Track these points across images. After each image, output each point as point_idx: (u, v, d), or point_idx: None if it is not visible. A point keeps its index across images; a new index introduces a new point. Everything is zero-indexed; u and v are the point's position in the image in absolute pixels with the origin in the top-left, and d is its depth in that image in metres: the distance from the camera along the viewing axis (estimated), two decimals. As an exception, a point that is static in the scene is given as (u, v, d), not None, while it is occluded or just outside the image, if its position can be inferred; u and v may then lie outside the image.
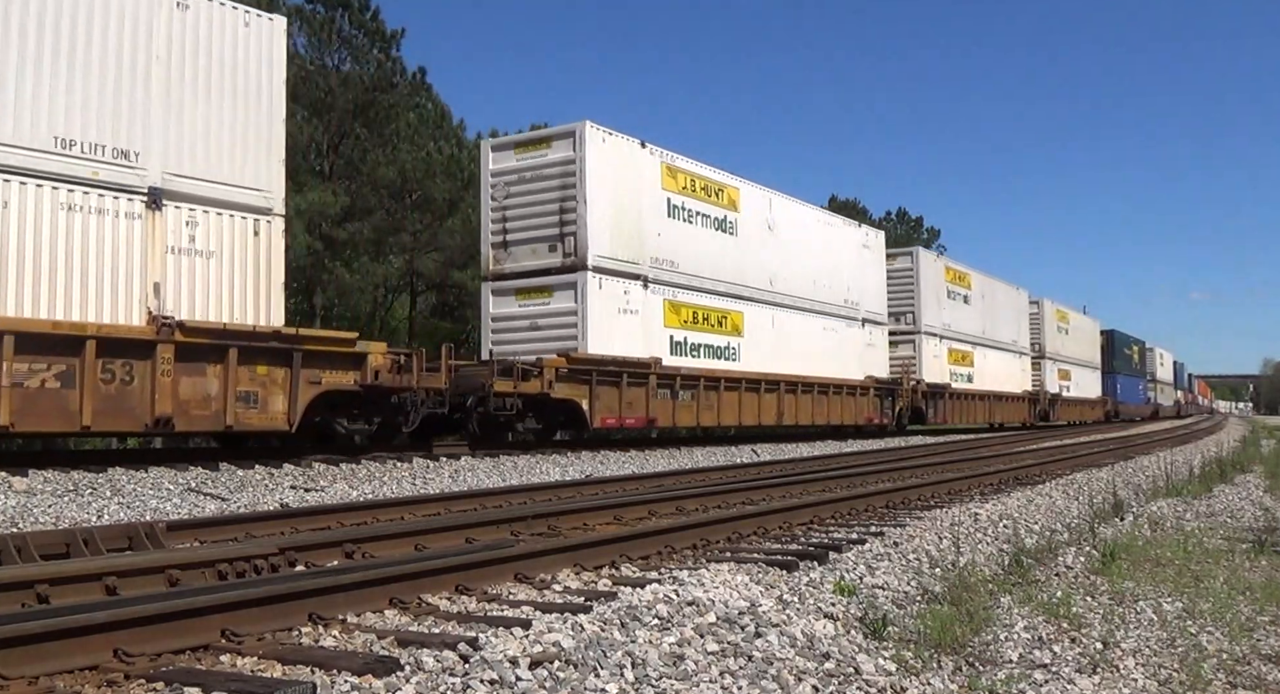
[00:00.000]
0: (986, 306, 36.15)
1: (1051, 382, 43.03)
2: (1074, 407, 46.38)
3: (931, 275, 32.18)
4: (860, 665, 4.24)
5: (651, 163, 19.40)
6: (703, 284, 20.68)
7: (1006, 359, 37.86)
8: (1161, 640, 5.27)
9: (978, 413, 34.56)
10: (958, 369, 33.21)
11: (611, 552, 6.27)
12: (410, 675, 3.54)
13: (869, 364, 27.21)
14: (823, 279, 25.34)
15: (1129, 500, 11.04)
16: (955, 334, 33.30)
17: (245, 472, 11.89)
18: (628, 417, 18.26)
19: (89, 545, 6.21)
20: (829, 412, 24.89)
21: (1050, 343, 43.68)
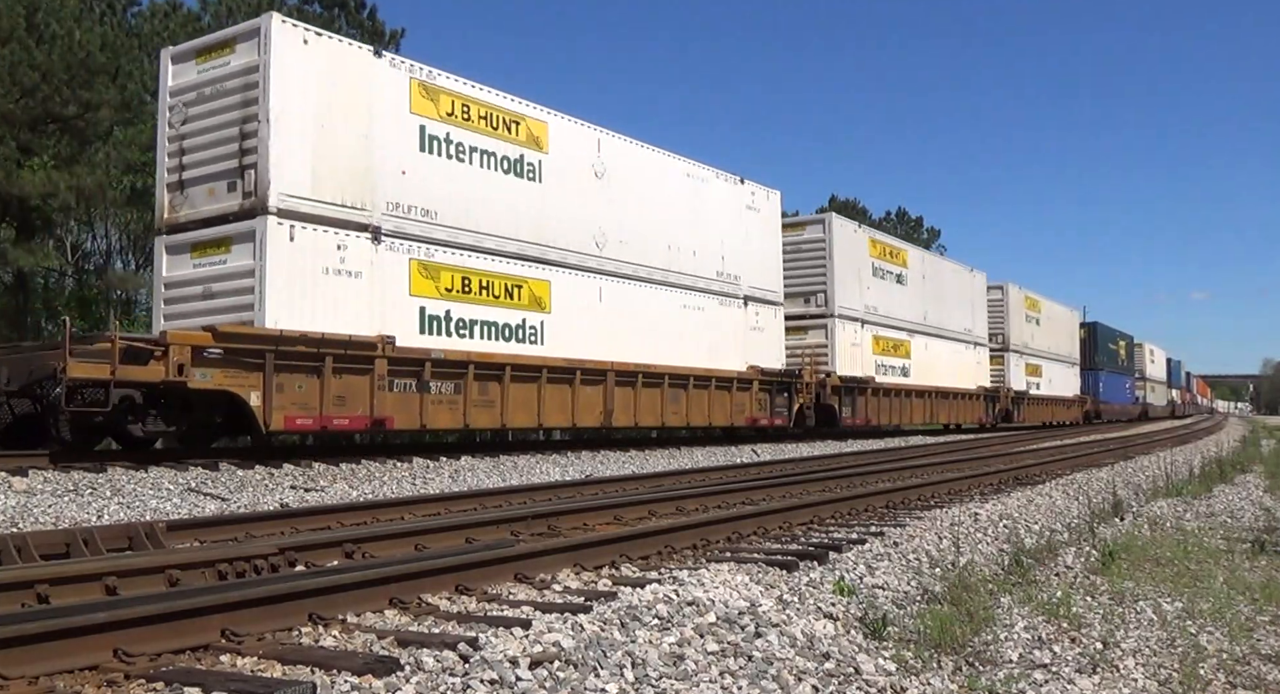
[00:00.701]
0: (929, 289, 30.98)
1: (1017, 377, 38.23)
2: (1044, 406, 41.72)
3: (850, 249, 26.64)
4: (860, 665, 4.24)
5: (396, 79, 14.45)
6: (480, 242, 15.47)
7: (957, 350, 32.73)
8: (1161, 640, 5.27)
9: (914, 412, 29.41)
10: (887, 360, 28.06)
11: (611, 552, 6.27)
12: (410, 675, 3.54)
13: (756, 352, 21.92)
14: (683, 245, 20.02)
15: (1129, 500, 11.05)
16: (884, 319, 28.04)
17: (245, 472, 11.89)
18: (338, 415, 13.16)
19: (89, 545, 6.20)
20: (691, 410, 19.71)
21: (1016, 334, 38.80)
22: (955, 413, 32.50)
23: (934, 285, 31.53)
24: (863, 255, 27.21)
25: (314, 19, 28.97)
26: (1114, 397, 54.95)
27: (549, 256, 16.76)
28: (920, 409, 29.66)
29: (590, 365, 17.13)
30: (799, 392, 23.15)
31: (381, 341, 13.69)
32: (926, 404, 30.03)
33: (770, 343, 22.68)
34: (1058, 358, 44.28)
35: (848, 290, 26.16)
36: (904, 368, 28.97)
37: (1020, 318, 39.57)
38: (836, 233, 25.96)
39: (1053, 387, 43.00)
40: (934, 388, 30.51)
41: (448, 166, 15.19)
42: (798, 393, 23.14)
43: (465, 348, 15.11)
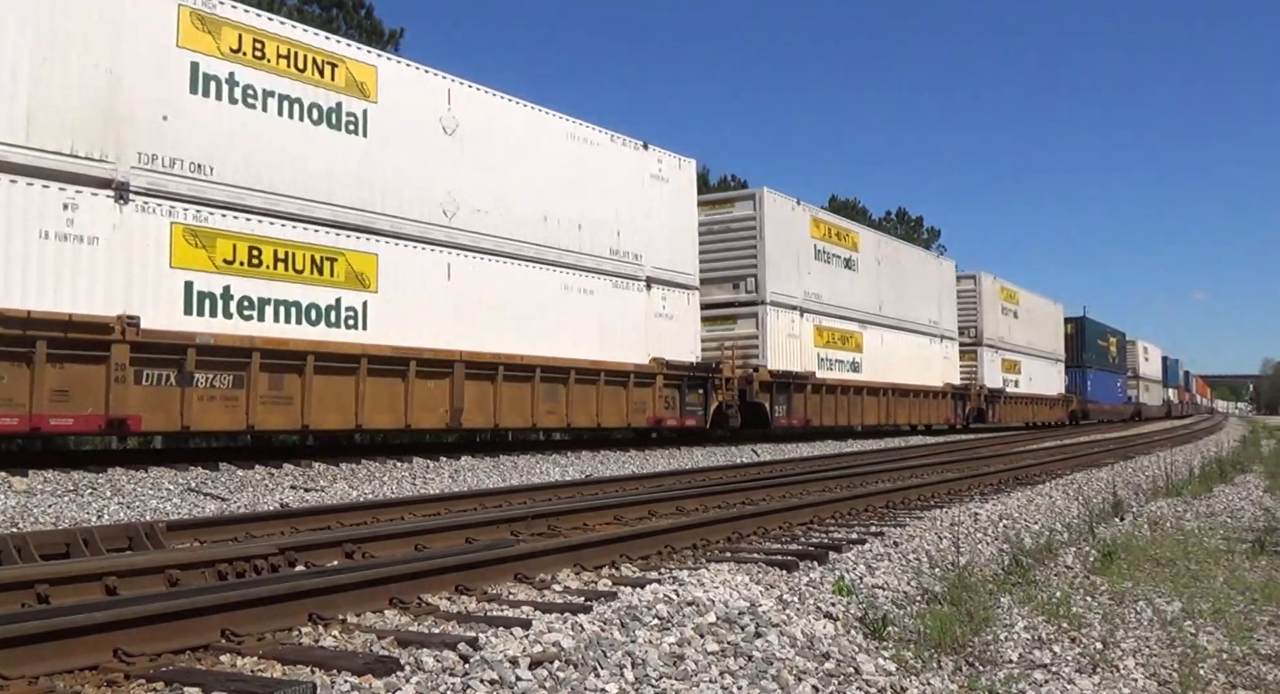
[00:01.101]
0: (886, 276, 28.23)
1: (992, 374, 35.40)
2: (1024, 405, 38.96)
3: (785, 228, 23.61)
4: (860, 665, 4.24)
5: (157, 5, 12.00)
6: (276, 205, 12.89)
7: (919, 344, 29.89)
8: (1161, 640, 5.27)
9: (865, 411, 26.26)
10: (834, 354, 25.24)
11: (611, 552, 6.27)
12: (410, 675, 3.54)
13: (662, 343, 19.14)
14: (565, 216, 17.18)
15: (1129, 500, 11.05)
16: (829, 308, 25.19)
17: (245, 472, 11.89)
18: (55, 414, 10.57)
19: (89, 545, 6.21)
20: (573, 409, 16.95)
21: (991, 327, 35.82)
22: (917, 412, 29.26)
23: (892, 272, 28.61)
24: (800, 236, 24.29)
25: (313, 19, 28.99)
26: (1103, 396, 52.28)
27: (377, 226, 14.10)
28: (874, 408, 26.66)
29: (430, 355, 14.43)
30: (716, 388, 20.54)
31: (121, 323, 11.03)
32: (882, 403, 27.04)
33: (681, 332, 19.84)
34: (1039, 354, 41.50)
35: (782, 275, 23.26)
36: (854, 362, 26.06)
37: (995, 310, 36.74)
38: (769, 210, 22.98)
39: (1034, 384, 40.29)
40: (891, 385, 27.61)
41: (231, 112, 12.56)
42: (715, 389, 20.50)
43: (249, 331, 12.44)
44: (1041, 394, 41.40)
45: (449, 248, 15.12)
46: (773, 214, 23.11)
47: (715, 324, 22.27)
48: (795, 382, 23.21)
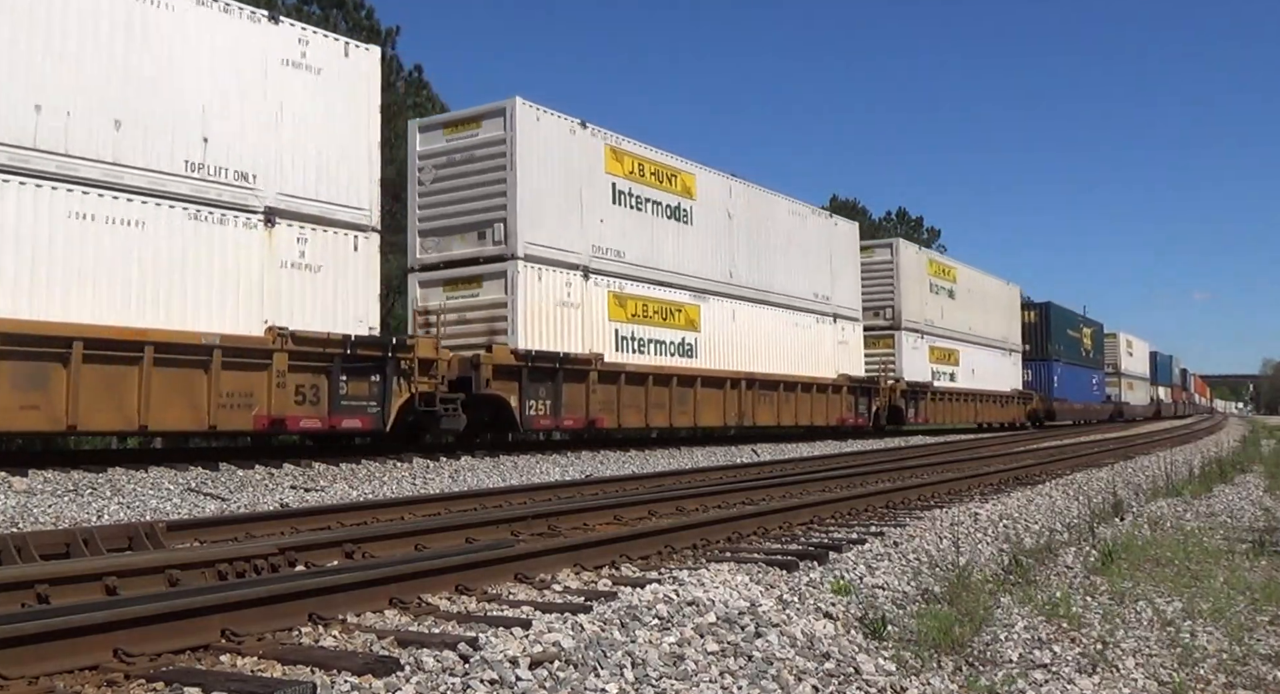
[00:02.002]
0: (741, 234, 22.21)
1: (915, 364, 29.64)
2: (963, 403, 32.97)
3: (554, 162, 17.38)
4: (860, 665, 4.24)
5: None
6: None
7: (798, 324, 23.93)
8: (1161, 640, 5.27)
9: (707, 407, 20.28)
10: (650, 332, 19.24)
11: (611, 552, 6.27)
12: (410, 675, 3.54)
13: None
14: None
15: (1129, 500, 11.05)
16: (639, 270, 19.06)
17: (245, 472, 11.89)
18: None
19: (89, 545, 6.21)
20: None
21: (914, 307, 30.14)
22: (793, 410, 23.21)
23: (755, 230, 22.76)
24: (592, 171, 18.54)
25: (312, 19, 29.04)
26: (1075, 393, 46.30)
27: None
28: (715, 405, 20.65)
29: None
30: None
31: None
32: (729, 398, 21.08)
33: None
34: (986, 342, 35.80)
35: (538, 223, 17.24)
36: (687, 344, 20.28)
37: (920, 287, 30.86)
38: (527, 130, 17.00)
39: (978, 378, 34.40)
40: (750, 375, 21.68)
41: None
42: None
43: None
44: (989, 390, 35.38)
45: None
46: (535, 135, 17.10)
47: (457, 288, 17.23)
48: (568, 367, 17.15)
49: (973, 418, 34.82)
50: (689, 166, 21.04)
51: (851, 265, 27.22)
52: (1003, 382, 37.59)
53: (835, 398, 25.45)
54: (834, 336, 25.85)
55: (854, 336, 26.93)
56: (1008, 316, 39.13)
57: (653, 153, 20.17)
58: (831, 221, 26.71)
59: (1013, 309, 40.11)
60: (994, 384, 36.28)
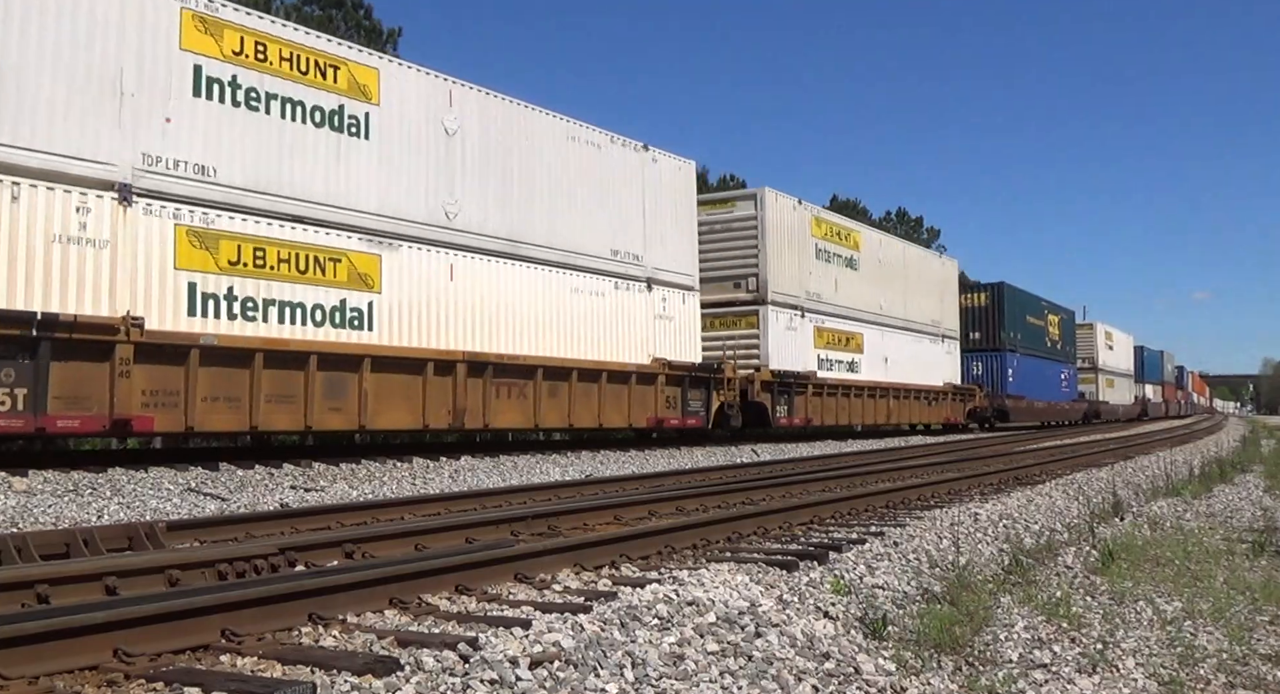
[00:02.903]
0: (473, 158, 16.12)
1: (792, 350, 23.74)
2: (866, 400, 26.69)
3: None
4: (860, 665, 4.24)
5: None
6: None
7: (588, 290, 17.93)
8: (1161, 640, 5.27)
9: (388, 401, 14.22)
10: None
11: (611, 552, 6.27)
12: (410, 675, 3.54)
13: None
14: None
15: (1129, 500, 11.05)
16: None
17: (245, 472, 11.89)
18: None
19: (89, 545, 6.21)
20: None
21: (790, 278, 23.94)
22: (593, 409, 17.54)
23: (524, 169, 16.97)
24: None
25: (312, 20, 29.01)
26: (1036, 390, 39.97)
27: None
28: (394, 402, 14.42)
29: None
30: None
31: None
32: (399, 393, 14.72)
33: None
34: (906, 326, 29.89)
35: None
36: None
37: (800, 253, 24.59)
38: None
39: (893, 369, 28.62)
40: (540, 362, 16.53)
41: None
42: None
43: None
44: (909, 384, 29.25)
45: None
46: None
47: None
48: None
49: (883, 417, 27.77)
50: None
51: (682, 217, 20.44)
52: (931, 374, 31.09)
53: (650, 390, 18.87)
54: (647, 309, 19.24)
55: (684, 311, 20.31)
56: (940, 296, 32.62)
57: None
58: (648, 157, 19.68)
59: (947, 288, 33.52)
60: (918, 377, 30.02)
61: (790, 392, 23.52)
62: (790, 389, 23.53)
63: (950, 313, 33.71)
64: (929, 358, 31.53)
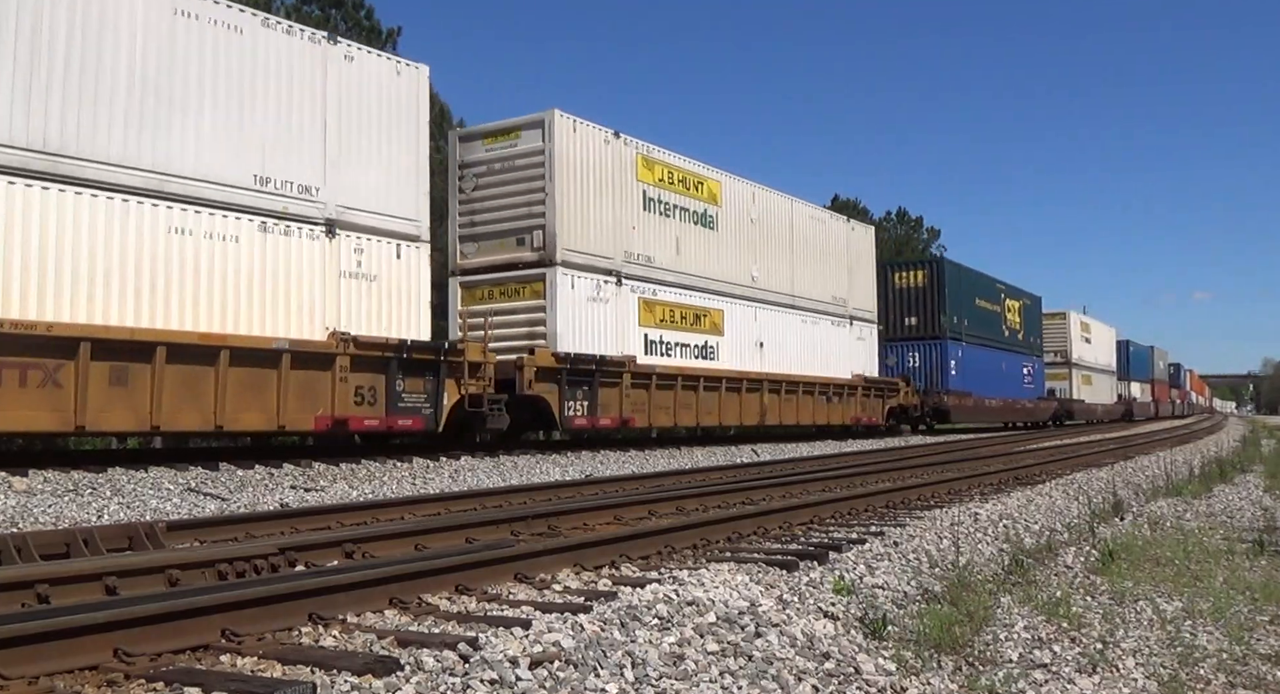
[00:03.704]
0: None
1: (600, 330, 18.22)
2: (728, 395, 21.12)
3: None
4: (860, 665, 4.24)
5: None
6: None
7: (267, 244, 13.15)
8: (1161, 640, 5.27)
9: None
10: None
11: (611, 552, 6.27)
12: (410, 675, 3.54)
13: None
14: None
15: (1129, 500, 11.05)
16: None
17: (245, 472, 11.89)
18: None
19: (89, 545, 6.21)
20: None
21: (598, 235, 18.34)
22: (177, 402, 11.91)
23: None
24: None
25: (311, 20, 28.99)
26: (988, 385, 34.21)
27: None
28: None
29: None
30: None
31: None
32: None
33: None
34: (793, 304, 24.18)
35: None
36: None
37: (608, 199, 18.60)
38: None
39: (773, 357, 23.08)
40: None
41: None
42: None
43: None
44: (798, 375, 23.72)
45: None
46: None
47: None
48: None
49: (754, 417, 22.11)
50: None
51: (399, 139, 15.07)
52: (834, 364, 25.57)
53: (316, 378, 13.38)
54: (325, 263, 13.83)
55: (399, 269, 14.82)
56: (848, 270, 26.82)
57: None
58: (337, 52, 14.29)
59: (861, 261, 27.58)
60: (813, 367, 24.62)
61: (591, 382, 17.44)
62: (591, 379, 17.44)
63: (864, 291, 27.84)
64: (830, 345, 25.73)
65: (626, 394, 18.43)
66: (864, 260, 28.23)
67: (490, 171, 17.99)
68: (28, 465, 10.86)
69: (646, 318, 19.57)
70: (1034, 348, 41.57)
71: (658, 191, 20.09)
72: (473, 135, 18.58)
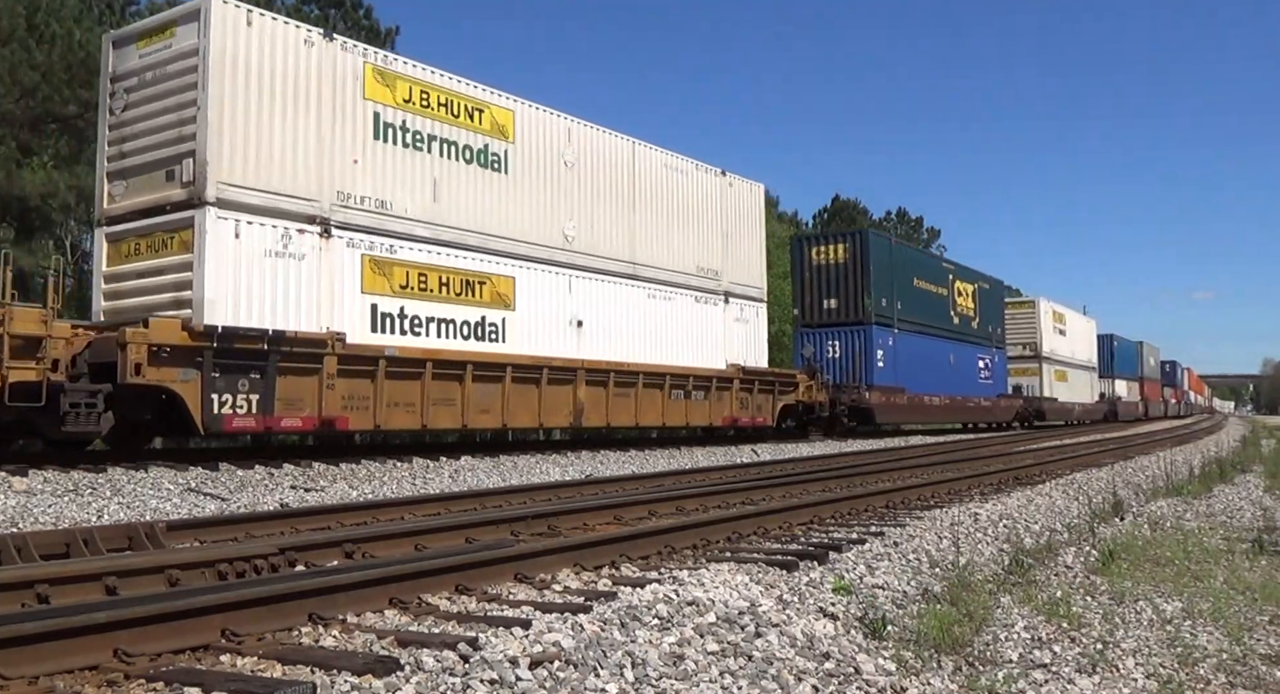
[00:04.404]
0: None
1: (294, 298, 13.25)
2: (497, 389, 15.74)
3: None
4: (860, 665, 4.24)
5: None
6: None
7: None
8: (1161, 640, 5.27)
9: None
10: None
11: (611, 552, 6.27)
12: (410, 675, 3.54)
13: None
14: None
15: (1129, 500, 11.06)
16: None
17: (245, 472, 11.89)
18: None
19: (89, 545, 6.21)
20: None
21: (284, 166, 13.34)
22: None
23: None
24: None
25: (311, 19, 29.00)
26: (927, 381, 29.24)
27: None
28: None
29: None
30: None
31: None
32: None
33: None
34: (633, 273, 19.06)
35: None
36: None
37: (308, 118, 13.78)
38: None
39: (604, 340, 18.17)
40: None
41: None
42: None
43: None
44: (639, 364, 18.67)
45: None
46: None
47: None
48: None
49: (567, 416, 17.21)
50: None
51: None
52: (700, 352, 20.37)
53: None
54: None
55: None
56: (723, 233, 21.47)
57: None
58: None
59: (742, 223, 22.10)
60: (667, 354, 19.45)
61: (265, 368, 12.66)
62: (264, 362, 12.65)
63: (747, 262, 22.27)
64: (694, 327, 20.36)
65: (330, 385, 13.24)
66: (748, 224, 22.55)
67: (142, 83, 13.32)
68: (27, 465, 10.85)
69: (376, 283, 14.46)
70: (994, 338, 36.70)
71: (402, 116, 14.97)
72: (126, 38, 13.74)
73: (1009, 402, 37.39)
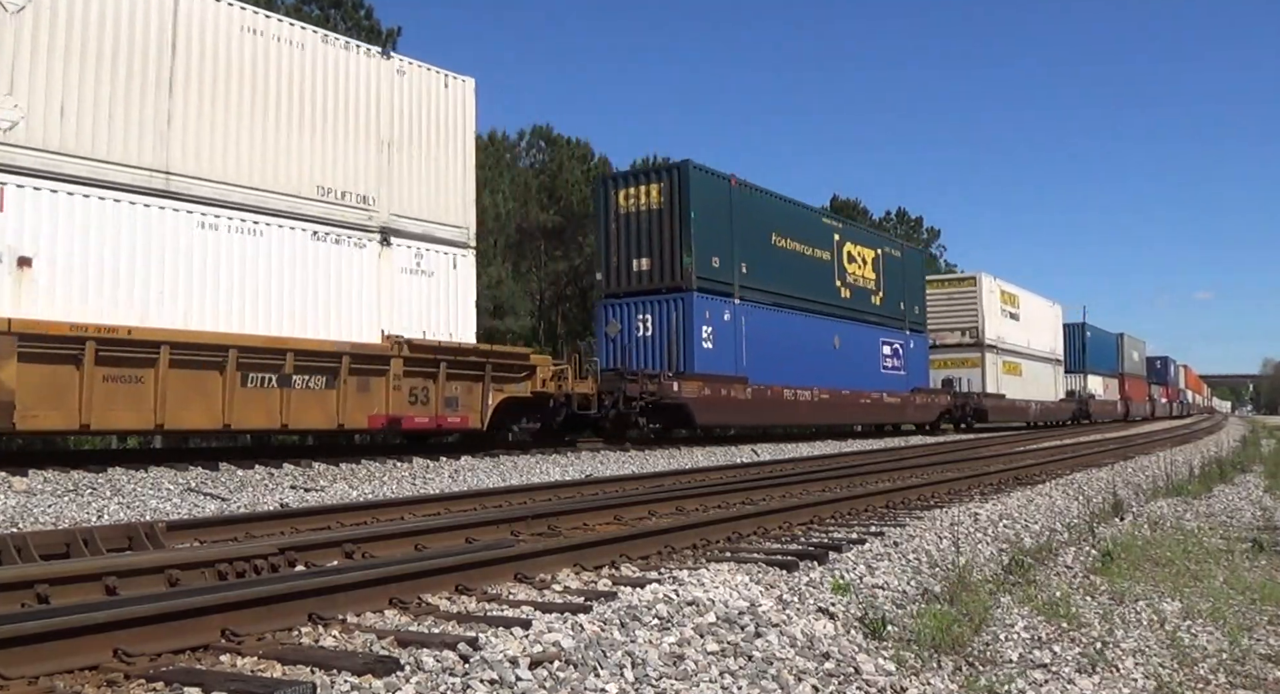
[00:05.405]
0: None
1: None
2: None
3: None
4: (860, 665, 4.24)
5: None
6: None
7: None
8: (1161, 640, 5.27)
9: None
10: None
11: (611, 552, 6.27)
12: (410, 675, 3.54)
13: None
14: None
15: (1128, 500, 11.06)
16: None
17: (245, 472, 11.89)
18: None
19: (89, 545, 6.21)
20: None
21: None
22: None
23: None
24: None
25: (311, 19, 28.91)
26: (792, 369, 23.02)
27: None
28: None
29: None
30: None
31: None
32: None
33: None
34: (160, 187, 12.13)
35: None
36: None
37: None
38: None
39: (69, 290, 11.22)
40: None
41: None
42: None
43: None
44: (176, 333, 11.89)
45: None
46: None
47: None
48: None
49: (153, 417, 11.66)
50: None
51: None
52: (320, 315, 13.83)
53: None
54: None
55: None
56: (374, 137, 14.77)
57: None
58: None
59: (415, 127, 15.31)
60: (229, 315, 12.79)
61: None
62: None
63: (434, 189, 15.58)
64: (307, 277, 13.77)
65: None
66: (438, 135, 15.83)
67: None
68: (28, 465, 10.86)
69: None
70: (908, 320, 29.59)
71: None
72: None
73: (931, 398, 30.59)
